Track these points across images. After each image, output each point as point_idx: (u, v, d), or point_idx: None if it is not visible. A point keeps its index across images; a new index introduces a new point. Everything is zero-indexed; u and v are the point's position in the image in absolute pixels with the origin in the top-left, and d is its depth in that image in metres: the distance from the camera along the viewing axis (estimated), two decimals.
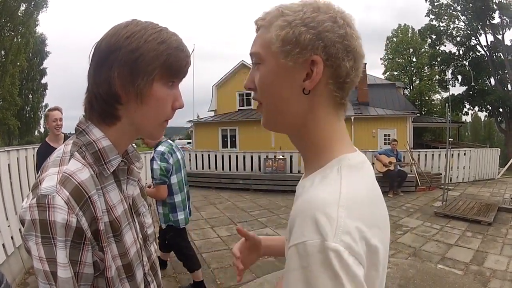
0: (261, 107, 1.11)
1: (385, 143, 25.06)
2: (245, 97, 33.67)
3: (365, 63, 32.46)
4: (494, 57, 41.10)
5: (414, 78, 58.45)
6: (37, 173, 4.67)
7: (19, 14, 39.92)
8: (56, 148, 4.31)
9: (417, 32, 50.00)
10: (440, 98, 55.54)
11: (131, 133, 1.30)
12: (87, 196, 1.12)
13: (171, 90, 1.25)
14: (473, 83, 37.59)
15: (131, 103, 1.20)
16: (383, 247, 0.93)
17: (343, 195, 0.89)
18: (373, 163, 14.82)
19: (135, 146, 1.47)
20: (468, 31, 42.40)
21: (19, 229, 6.11)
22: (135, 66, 1.15)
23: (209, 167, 17.42)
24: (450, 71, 40.50)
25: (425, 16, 44.49)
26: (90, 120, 1.25)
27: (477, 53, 42.80)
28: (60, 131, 6.04)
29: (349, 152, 1.06)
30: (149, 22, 1.23)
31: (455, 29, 43.57)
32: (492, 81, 42.03)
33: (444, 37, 43.98)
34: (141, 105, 1.20)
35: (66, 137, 5.91)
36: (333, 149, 1.05)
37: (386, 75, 57.53)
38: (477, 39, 42.34)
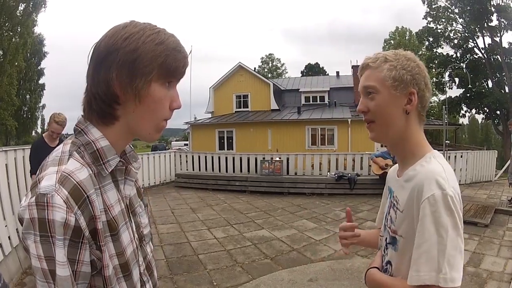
0: (374, 125, 1.63)
1: (381, 145, 25.06)
2: (242, 99, 33.81)
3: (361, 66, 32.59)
4: (492, 59, 41.14)
5: None
6: (30, 167, 4.70)
7: (18, 14, 39.92)
8: (50, 147, 4.32)
9: (415, 34, 50.10)
10: (437, 101, 55.57)
11: (129, 133, 1.30)
12: (85, 195, 1.13)
13: (168, 91, 1.26)
14: (470, 86, 37.74)
15: (129, 104, 1.21)
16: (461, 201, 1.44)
17: (445, 168, 1.48)
18: (369, 165, 14.88)
19: (132, 147, 1.46)
20: (466, 34, 42.48)
21: (16, 229, 6.12)
22: (133, 66, 1.16)
23: (206, 169, 17.40)
24: (447, 74, 40.61)
25: (423, 18, 44.62)
26: (88, 120, 1.25)
27: (475, 56, 42.88)
28: (56, 137, 6.15)
29: (432, 149, 1.61)
30: (147, 24, 1.24)
31: (453, 31, 43.68)
32: (490, 84, 42.07)
33: (442, 39, 44.04)
34: (139, 106, 1.21)
35: (61, 140, 5.99)
36: (425, 148, 1.60)
37: None
38: (474, 42, 42.43)
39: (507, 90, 39.90)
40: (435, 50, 45.65)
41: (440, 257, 1.32)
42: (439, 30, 43.92)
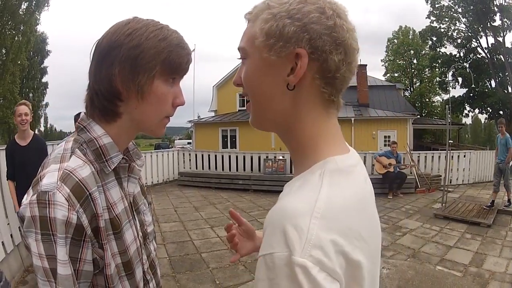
0: (249, 104, 1.06)
1: (385, 145, 25.02)
2: (245, 98, 33.69)
3: (366, 65, 32.53)
4: (495, 59, 41.07)
5: (414, 80, 58.47)
6: (6, 172, 4.57)
7: (20, 12, 39.92)
8: (22, 146, 4.24)
9: (418, 34, 49.98)
10: (441, 100, 55.53)
11: (132, 130, 1.30)
12: (87, 193, 1.12)
13: (172, 87, 1.25)
14: (473, 85, 37.67)
15: (132, 100, 1.20)
16: (368, 261, 0.86)
17: (320, 204, 0.81)
18: (373, 165, 14.85)
19: (135, 144, 1.46)
20: (469, 33, 42.42)
21: (18, 227, 6.13)
22: (136, 63, 1.16)
23: (209, 167, 17.42)
24: (450, 73, 40.45)
25: (426, 18, 44.62)
26: (91, 117, 1.25)
27: (478, 55, 42.83)
28: (26, 126, 5.64)
29: (338, 154, 0.96)
30: (150, 20, 1.24)
31: (456, 31, 43.63)
32: (493, 83, 42.00)
33: (445, 39, 43.99)
34: (142, 102, 1.20)
35: (36, 137, 5.84)
36: (319, 151, 0.96)
37: (386, 77, 57.60)
38: (477, 41, 42.38)
39: (510, 90, 39.89)
40: (438, 49, 45.61)
41: None
42: (442, 30, 43.88)
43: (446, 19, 43.36)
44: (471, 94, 42.30)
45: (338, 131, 1.03)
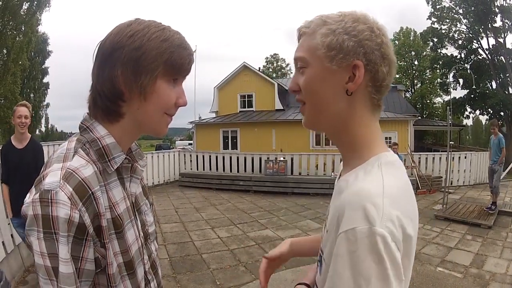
0: (304, 107, 1.21)
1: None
2: (246, 99, 33.67)
3: None
4: (496, 60, 41.05)
5: (415, 81, 58.51)
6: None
7: (22, 13, 39.94)
8: (19, 149, 4.15)
9: (419, 35, 49.97)
10: (442, 101, 55.61)
11: (135, 131, 1.30)
12: (90, 192, 1.13)
13: (174, 88, 1.27)
14: (474, 87, 37.67)
15: (135, 101, 1.21)
16: (414, 238, 1.02)
17: (386, 187, 0.99)
18: None
19: (138, 145, 1.47)
20: (470, 34, 42.39)
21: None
22: (138, 63, 1.17)
23: (210, 168, 17.46)
24: (451, 74, 40.52)
25: (427, 19, 44.51)
26: (94, 118, 1.26)
27: (479, 57, 42.81)
28: (24, 129, 5.36)
29: (385, 151, 1.16)
30: (152, 21, 1.25)
31: (457, 32, 43.59)
32: (494, 85, 42.00)
33: (446, 40, 43.94)
34: (144, 102, 1.21)
35: (32, 140, 5.58)
36: (372, 148, 1.15)
37: None
38: (478, 43, 42.33)
39: (511, 91, 39.83)
40: (439, 50, 45.57)
41: None
42: (443, 31, 43.83)
43: (447, 20, 43.35)
44: (472, 95, 42.28)
45: (380, 131, 1.22)
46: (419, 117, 38.00)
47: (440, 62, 45.40)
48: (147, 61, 1.17)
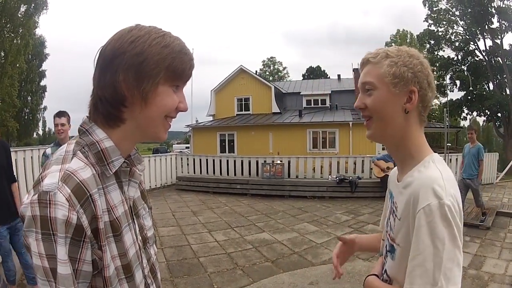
0: (371, 122, 1.55)
1: (383, 148, 24.96)
2: (243, 102, 33.79)
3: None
4: (493, 61, 41.08)
5: None
6: None
7: (19, 15, 39.99)
8: None
9: (416, 37, 50.06)
10: (439, 103, 55.59)
11: (135, 136, 1.31)
12: (88, 194, 1.13)
13: (175, 93, 1.28)
14: (471, 88, 37.64)
15: (136, 106, 1.22)
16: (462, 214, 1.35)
17: (443, 174, 1.38)
18: (371, 168, 14.89)
19: (137, 149, 1.47)
20: (467, 36, 42.43)
21: None
22: (140, 69, 1.18)
23: (207, 172, 17.43)
24: (448, 76, 40.59)
25: (424, 21, 44.53)
26: (93, 122, 1.27)
27: (476, 58, 42.82)
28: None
29: (432, 152, 1.53)
30: (152, 27, 1.26)
31: (454, 34, 43.61)
32: (491, 86, 42.01)
33: (443, 42, 43.99)
34: (146, 107, 1.22)
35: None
36: (424, 151, 1.52)
37: None
38: (475, 44, 42.35)
39: (508, 92, 39.85)
40: (436, 52, 45.60)
41: (436, 270, 1.24)
42: (440, 33, 43.86)
43: (444, 22, 43.38)
44: (469, 97, 42.27)
45: (425, 139, 1.57)
46: None
47: (437, 64, 45.36)
48: (149, 66, 1.18)
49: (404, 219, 1.43)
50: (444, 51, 44.94)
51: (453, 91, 44.82)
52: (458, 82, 42.82)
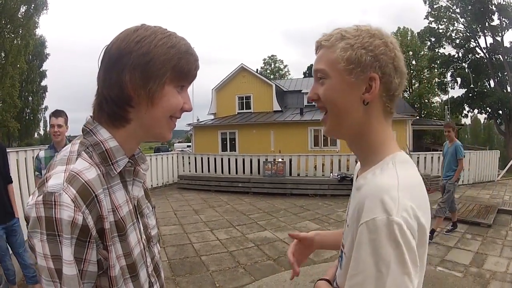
0: (326, 117, 1.32)
1: None
2: (244, 101, 33.71)
3: None
4: (494, 59, 41.06)
5: (413, 81, 58.51)
6: None
7: (19, 16, 40.00)
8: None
9: (416, 34, 50.01)
10: (440, 101, 55.68)
11: (140, 135, 1.32)
12: (93, 194, 1.13)
13: (180, 93, 1.28)
14: (472, 86, 37.70)
15: (142, 106, 1.22)
16: (428, 228, 1.13)
17: (400, 181, 1.12)
18: None
19: (140, 149, 1.47)
20: (467, 33, 42.42)
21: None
22: (147, 69, 1.18)
23: (209, 170, 17.44)
24: (449, 74, 40.58)
25: (424, 18, 44.55)
26: (98, 121, 1.27)
27: (477, 55, 42.82)
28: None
29: (398, 151, 1.28)
30: (158, 27, 1.26)
31: (454, 31, 43.61)
32: (492, 83, 42.00)
33: (444, 39, 43.98)
34: (151, 107, 1.22)
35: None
36: (386, 149, 1.27)
37: None
38: (476, 41, 42.36)
39: (509, 90, 39.90)
40: (437, 50, 45.61)
41: None
42: (440, 30, 43.88)
43: (445, 20, 43.36)
44: (470, 94, 42.30)
45: (392, 134, 1.34)
46: (418, 117, 38.02)
47: (438, 62, 45.45)
48: (155, 66, 1.19)
49: (351, 227, 1.22)
50: (444, 48, 45.06)
51: (454, 89, 45.02)
52: (459, 79, 42.84)
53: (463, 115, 46.89)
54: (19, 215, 5.34)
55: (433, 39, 44.92)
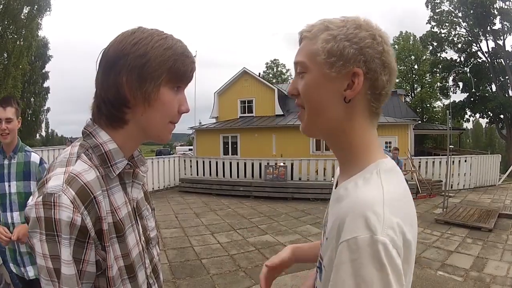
0: (303, 113, 1.19)
1: (385, 148, 24.96)
2: (246, 104, 33.66)
3: None
4: (495, 63, 40.93)
5: (415, 85, 58.41)
6: None
7: (22, 17, 39.98)
8: None
9: (419, 39, 49.93)
10: (441, 105, 55.49)
11: (138, 137, 1.33)
12: (92, 196, 1.15)
13: (177, 95, 1.29)
14: (474, 90, 37.50)
15: (139, 107, 1.23)
16: (414, 243, 1.02)
17: (386, 195, 1.00)
18: None
19: (140, 151, 1.49)
20: (469, 38, 42.33)
21: None
22: (143, 71, 1.19)
23: (210, 174, 17.48)
24: (451, 78, 40.45)
25: (427, 23, 44.46)
26: (97, 124, 1.28)
27: (478, 60, 42.70)
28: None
29: (383, 158, 1.16)
30: (154, 29, 1.27)
31: (456, 35, 43.51)
32: (493, 87, 41.86)
33: (446, 44, 43.89)
34: (148, 109, 1.23)
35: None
36: (369, 154, 1.15)
37: None
38: (478, 46, 42.24)
39: (511, 94, 39.78)
40: (439, 54, 45.54)
41: None
42: (442, 35, 43.80)
43: (447, 24, 43.27)
44: (472, 99, 42.16)
45: (377, 138, 1.21)
46: (419, 121, 37.93)
47: (440, 66, 45.33)
48: (151, 68, 1.19)
49: (330, 241, 1.08)
50: (446, 53, 44.89)
51: (456, 93, 44.82)
52: (460, 84, 42.77)
53: (464, 119, 46.84)
54: None
55: (435, 44, 44.80)
